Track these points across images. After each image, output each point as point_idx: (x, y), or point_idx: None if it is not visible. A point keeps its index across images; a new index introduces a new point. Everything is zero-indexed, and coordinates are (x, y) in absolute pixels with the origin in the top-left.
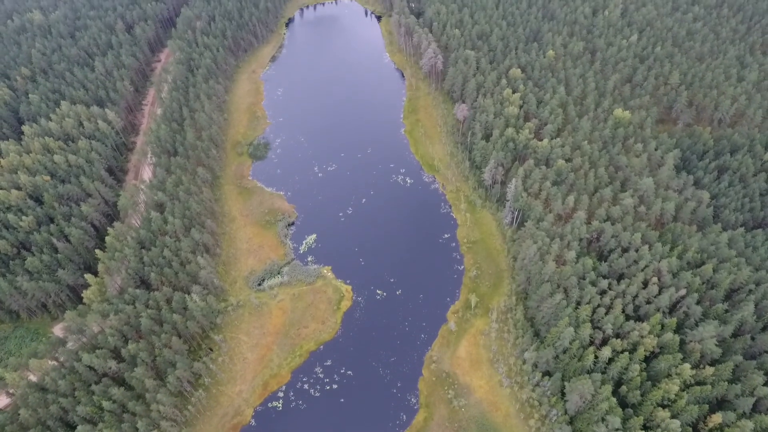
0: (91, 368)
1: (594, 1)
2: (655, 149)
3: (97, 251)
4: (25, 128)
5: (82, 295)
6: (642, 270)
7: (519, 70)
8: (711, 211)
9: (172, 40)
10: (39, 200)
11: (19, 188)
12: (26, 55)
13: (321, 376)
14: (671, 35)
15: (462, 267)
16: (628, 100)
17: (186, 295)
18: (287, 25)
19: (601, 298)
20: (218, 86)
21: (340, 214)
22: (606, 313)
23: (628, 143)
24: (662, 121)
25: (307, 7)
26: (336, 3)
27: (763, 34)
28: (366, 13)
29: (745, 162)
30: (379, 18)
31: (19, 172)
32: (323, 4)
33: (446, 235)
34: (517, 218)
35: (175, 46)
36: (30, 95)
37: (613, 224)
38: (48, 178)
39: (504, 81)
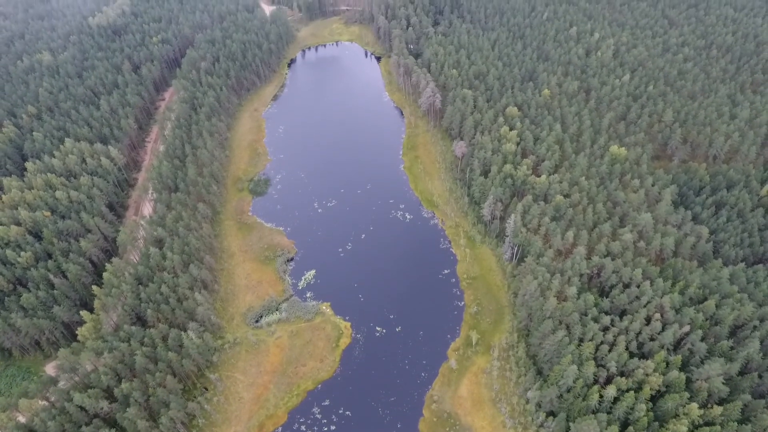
0: (82, 408)
1: (587, 43)
2: (652, 185)
3: (94, 287)
4: (29, 165)
5: (77, 332)
6: (644, 306)
7: (515, 108)
8: (711, 247)
9: (176, 80)
10: (38, 236)
11: (19, 224)
12: (33, 94)
13: (319, 416)
14: (663, 75)
15: (462, 303)
16: (623, 137)
17: (182, 333)
18: (289, 65)
19: (604, 335)
20: (221, 124)
21: (340, 250)
22: (609, 351)
23: (625, 179)
24: (658, 158)
25: (309, 48)
26: (337, 45)
27: (752, 74)
28: (366, 54)
29: (742, 197)
30: (378, 59)
31: (19, 207)
32: (325, 45)
33: (446, 271)
34: (516, 254)
35: (179, 86)
36: (35, 133)
37: (613, 260)
38: (48, 213)
39: (501, 119)
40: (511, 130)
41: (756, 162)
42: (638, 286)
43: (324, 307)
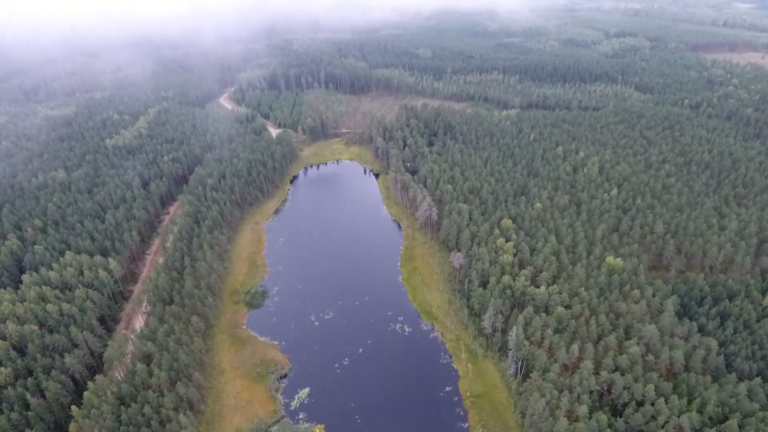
0: None
1: (573, 161)
2: (653, 295)
3: (73, 407)
4: (25, 277)
5: None
6: (662, 427)
7: (510, 220)
8: (722, 360)
9: (182, 195)
10: (23, 351)
11: (4, 338)
12: (42, 208)
13: None
14: (649, 189)
15: (467, 424)
16: (618, 248)
17: None
18: (292, 181)
19: None
20: (221, 236)
21: (336, 366)
22: None
23: (624, 289)
24: (655, 268)
25: (311, 166)
26: (337, 163)
27: (733, 188)
28: (365, 171)
29: (746, 308)
30: (377, 175)
31: (8, 321)
32: (326, 163)
33: (448, 388)
34: (521, 368)
35: (185, 200)
36: (36, 245)
37: (622, 374)
38: (37, 327)
39: (497, 231)
40: (507, 241)
41: (753, 272)
42: (653, 404)
43: (317, 430)
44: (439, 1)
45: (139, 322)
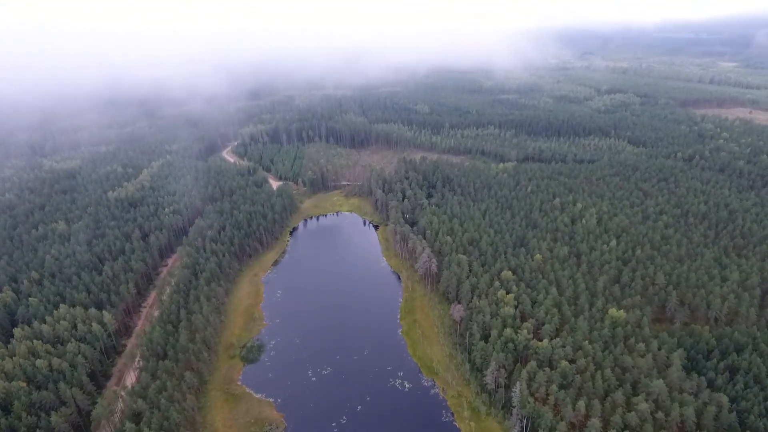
0: None
1: (571, 212)
2: (659, 349)
3: None
4: (16, 331)
5: None
6: None
7: (510, 272)
8: (735, 417)
9: (182, 247)
10: (7, 409)
11: None
12: (40, 260)
13: None
14: (647, 240)
15: None
16: (620, 299)
17: None
18: (292, 233)
19: None
20: (219, 289)
21: (333, 425)
22: None
23: (629, 343)
24: (658, 320)
25: (311, 218)
26: (337, 215)
27: (732, 239)
28: (365, 223)
29: (755, 362)
30: (376, 227)
31: None
32: (326, 215)
33: None
34: (526, 427)
35: (184, 252)
36: (31, 298)
37: None
38: (24, 383)
39: (497, 283)
40: (507, 293)
41: (759, 324)
42: None
43: None
44: (434, 60)
45: (130, 378)
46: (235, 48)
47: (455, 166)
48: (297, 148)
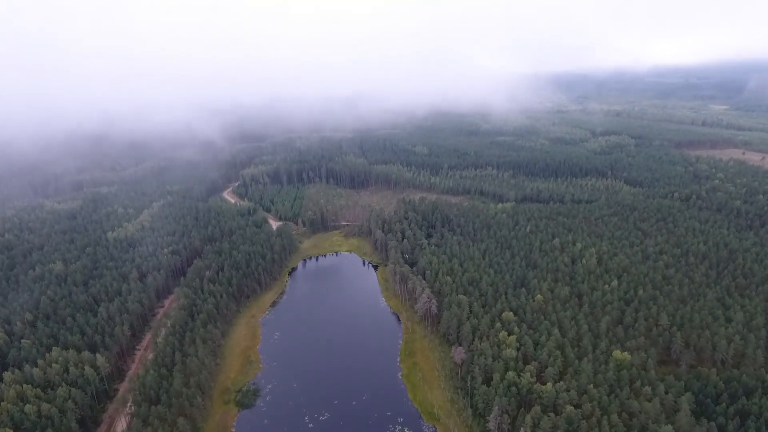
0: None
1: (571, 252)
2: (666, 393)
3: None
4: (7, 374)
5: None
6: None
7: (511, 313)
8: None
9: (179, 287)
10: None
11: None
12: (35, 302)
13: None
14: (649, 280)
15: None
16: (623, 341)
17: None
18: (290, 273)
19: None
20: (216, 330)
21: None
22: None
23: (635, 386)
24: (664, 363)
25: (310, 258)
26: (336, 255)
27: (734, 279)
28: (364, 263)
29: (766, 406)
30: (375, 267)
31: None
32: (325, 255)
33: None
34: None
35: (181, 293)
36: (23, 340)
37: None
38: (11, 431)
39: (498, 324)
40: (509, 335)
41: (767, 366)
42: None
43: None
44: (431, 104)
45: (121, 424)
46: (232, 93)
47: (454, 206)
48: (297, 189)
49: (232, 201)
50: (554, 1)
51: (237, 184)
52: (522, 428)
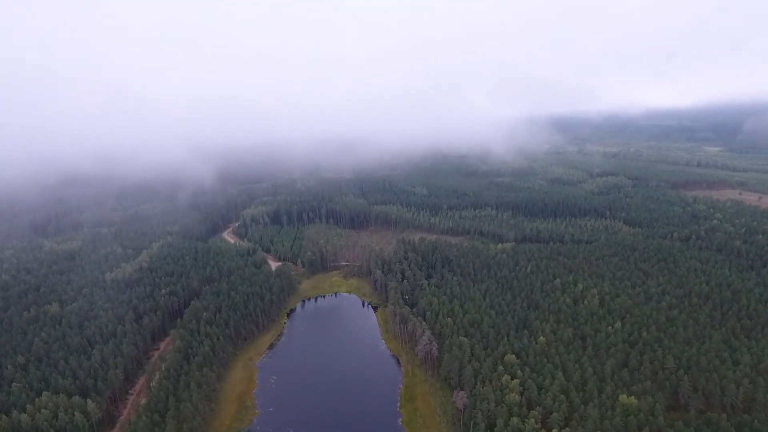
0: None
1: (572, 293)
2: None
3: None
4: None
5: None
6: None
7: (513, 356)
8: None
9: (175, 329)
10: None
11: None
12: (28, 344)
13: None
14: (652, 321)
15: None
16: (629, 384)
17: None
18: (289, 314)
19: None
20: (211, 374)
21: None
22: None
23: None
24: (672, 408)
25: (309, 299)
26: (336, 296)
27: (738, 320)
28: (363, 304)
29: None
30: (375, 308)
31: None
32: (324, 296)
33: None
34: None
35: (177, 335)
36: (14, 384)
37: None
38: None
39: (501, 367)
40: (512, 378)
41: None
42: None
43: None
44: (429, 145)
45: None
46: (230, 134)
47: (454, 246)
48: (297, 229)
49: (232, 241)
50: (548, 47)
51: (237, 224)
52: None
